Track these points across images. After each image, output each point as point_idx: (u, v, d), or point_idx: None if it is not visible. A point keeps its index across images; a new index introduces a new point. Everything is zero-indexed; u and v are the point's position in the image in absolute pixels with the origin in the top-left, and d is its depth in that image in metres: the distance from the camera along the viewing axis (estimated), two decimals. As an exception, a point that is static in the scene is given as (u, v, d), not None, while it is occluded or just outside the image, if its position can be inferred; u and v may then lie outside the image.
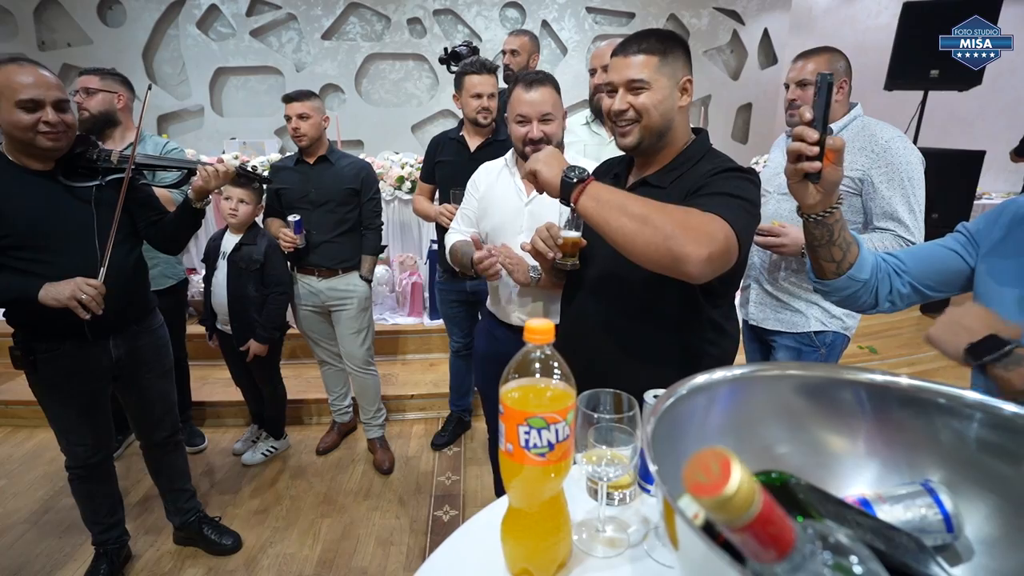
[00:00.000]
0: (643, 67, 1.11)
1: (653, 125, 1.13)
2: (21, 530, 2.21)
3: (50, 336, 1.61)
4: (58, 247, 1.55)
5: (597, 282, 1.24)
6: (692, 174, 1.13)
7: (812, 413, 0.60)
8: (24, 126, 1.45)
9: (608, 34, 6.04)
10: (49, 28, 5.63)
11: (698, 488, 0.33)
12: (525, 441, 0.56)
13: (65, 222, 1.57)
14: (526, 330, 0.58)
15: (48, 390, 1.68)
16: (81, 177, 1.61)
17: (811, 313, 1.79)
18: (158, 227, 1.78)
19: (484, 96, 2.24)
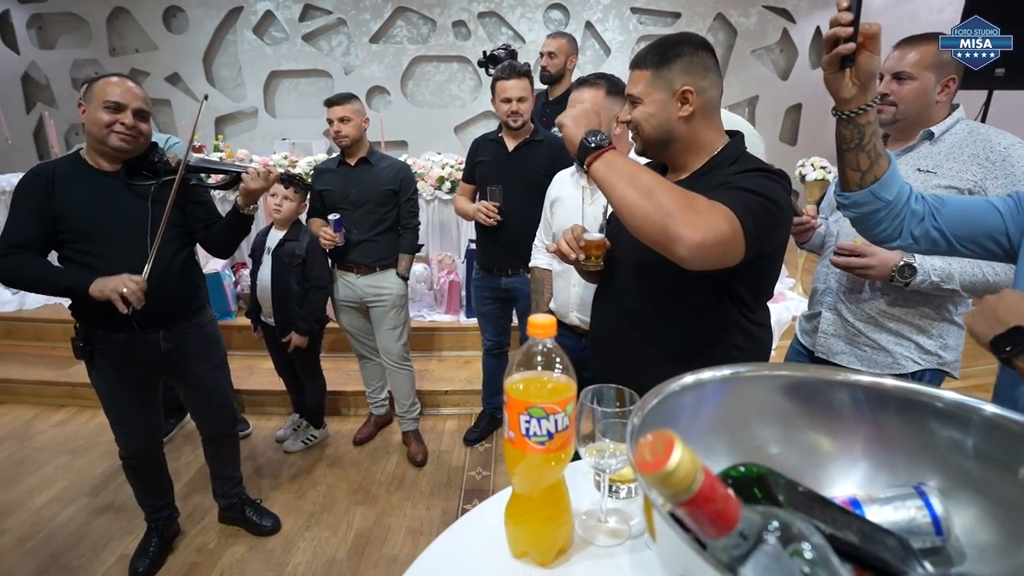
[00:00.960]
0: (636, 81, 1.13)
1: (648, 138, 1.15)
2: (83, 503, 2.38)
3: (106, 327, 1.71)
4: (111, 241, 1.67)
5: (624, 283, 1.25)
6: (719, 176, 1.11)
7: (804, 414, 0.61)
8: (102, 123, 1.61)
9: (653, 34, 5.99)
10: (119, 35, 6.01)
11: (643, 465, 0.36)
12: (526, 429, 0.59)
13: (121, 218, 1.69)
14: (529, 324, 0.61)
15: (103, 380, 1.79)
16: (142, 178, 1.74)
17: (900, 351, 1.49)
18: (209, 231, 1.88)
19: (513, 100, 2.28)
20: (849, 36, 0.88)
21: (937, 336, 1.46)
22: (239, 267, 3.72)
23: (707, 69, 1.11)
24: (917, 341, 1.47)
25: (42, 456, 2.70)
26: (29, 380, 3.18)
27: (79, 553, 2.11)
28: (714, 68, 1.13)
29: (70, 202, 1.64)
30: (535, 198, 2.08)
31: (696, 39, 1.13)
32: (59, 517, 2.29)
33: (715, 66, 1.13)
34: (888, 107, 1.45)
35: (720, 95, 1.16)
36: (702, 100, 1.10)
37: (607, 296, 1.30)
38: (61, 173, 1.66)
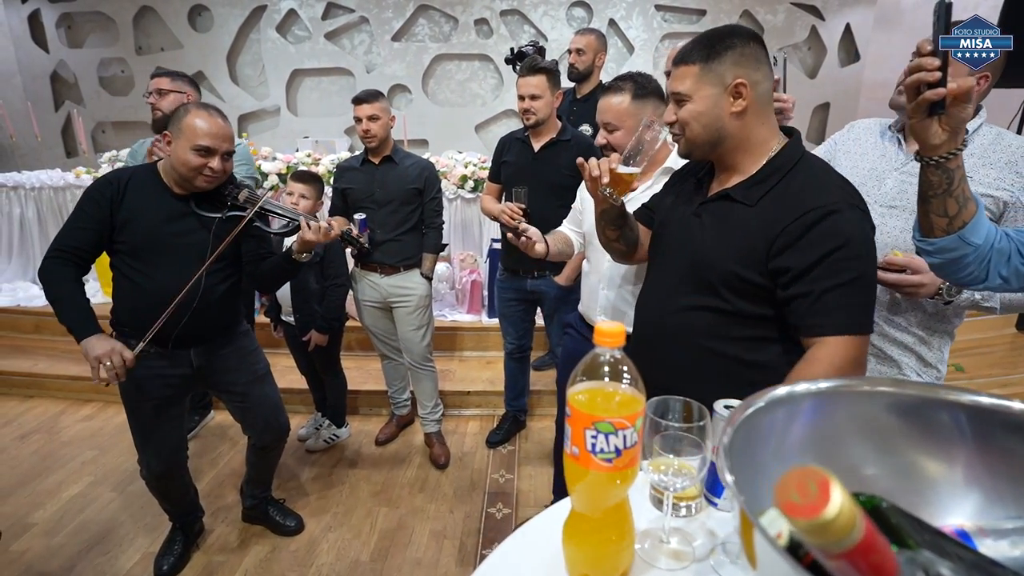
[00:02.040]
0: (683, 78, 1.07)
1: (696, 138, 1.09)
2: (109, 498, 2.39)
3: (139, 339, 1.67)
4: (162, 264, 1.67)
5: (673, 290, 1.18)
6: (784, 193, 1.03)
7: (904, 434, 0.55)
8: (192, 167, 1.62)
9: (677, 32, 5.90)
10: (145, 34, 6.08)
11: (793, 508, 0.31)
12: (592, 445, 0.55)
13: (178, 243, 1.69)
14: (596, 332, 0.57)
15: (132, 388, 1.76)
16: (209, 208, 1.74)
17: (905, 361, 1.45)
18: (259, 268, 1.86)
19: (526, 97, 2.23)
20: (937, 81, 0.82)
21: (936, 349, 1.43)
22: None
23: (759, 61, 1.05)
24: (920, 353, 1.42)
25: (69, 451, 2.72)
26: (57, 375, 3.21)
27: (104, 549, 2.11)
28: (766, 60, 1.06)
29: (136, 215, 1.65)
30: (561, 200, 2.04)
31: (745, 30, 1.07)
32: (85, 512, 2.30)
33: (767, 58, 1.07)
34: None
35: (772, 89, 1.09)
36: (755, 94, 1.04)
37: (652, 301, 1.24)
38: (135, 185, 1.67)
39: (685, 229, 1.17)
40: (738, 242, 1.05)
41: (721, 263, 1.07)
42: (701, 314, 1.11)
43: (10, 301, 3.74)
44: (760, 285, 1.04)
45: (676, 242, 1.18)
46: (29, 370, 3.25)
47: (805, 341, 1.02)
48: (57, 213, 3.91)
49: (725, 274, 1.06)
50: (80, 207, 1.64)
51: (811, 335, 1.00)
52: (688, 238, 1.15)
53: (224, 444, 2.77)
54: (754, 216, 1.04)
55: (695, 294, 1.12)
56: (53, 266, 1.61)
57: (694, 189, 1.21)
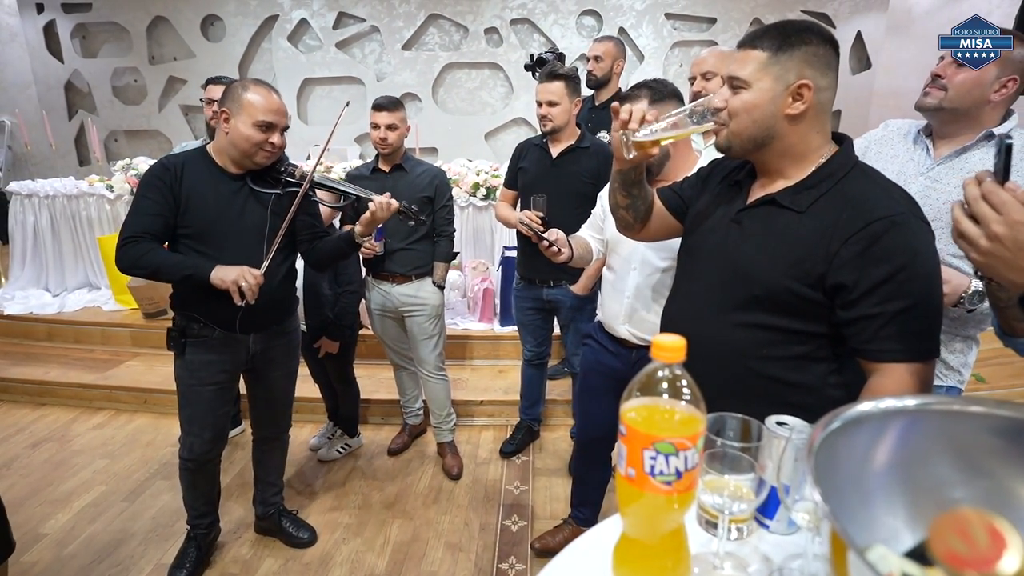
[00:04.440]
0: (745, 63, 0.98)
1: (742, 131, 1.01)
2: (120, 508, 2.36)
3: (205, 322, 1.74)
4: (227, 244, 1.69)
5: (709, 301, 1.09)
6: (840, 199, 0.96)
7: (999, 456, 0.52)
8: (255, 142, 1.63)
9: (687, 40, 5.90)
10: (158, 44, 6.13)
11: (956, 559, 0.28)
12: (651, 467, 0.52)
13: (240, 222, 1.72)
14: (654, 346, 0.54)
15: (189, 374, 1.80)
16: (265, 184, 1.76)
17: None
18: (313, 245, 1.90)
19: (543, 104, 2.21)
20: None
21: (959, 352, 1.41)
22: (273, 272, 3.71)
23: (829, 67, 0.98)
24: (942, 357, 1.39)
25: (81, 459, 2.70)
26: (68, 383, 3.20)
27: (116, 561, 2.08)
28: (835, 68, 0.99)
29: (196, 198, 1.66)
30: (580, 208, 2.01)
31: (824, 31, 0.99)
32: (97, 522, 2.28)
33: (837, 66, 1.00)
34: (937, 91, 1.32)
35: (833, 100, 1.03)
36: (817, 100, 0.97)
37: (683, 313, 1.17)
38: (190, 169, 1.68)
39: (723, 237, 1.09)
40: (788, 253, 0.98)
41: (768, 276, 1.00)
42: (742, 331, 1.03)
43: (23, 308, 3.75)
44: (813, 300, 0.97)
45: (712, 251, 1.11)
46: (41, 378, 3.24)
47: (868, 365, 0.95)
48: (71, 221, 3.92)
49: (773, 288, 0.99)
50: (141, 196, 1.65)
51: (878, 360, 0.93)
52: (727, 247, 1.08)
53: (237, 453, 2.74)
54: (806, 224, 0.97)
55: (736, 309, 1.04)
56: (133, 249, 1.60)
57: (732, 193, 1.13)
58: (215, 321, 1.74)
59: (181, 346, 1.77)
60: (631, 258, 1.62)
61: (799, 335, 0.99)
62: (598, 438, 1.94)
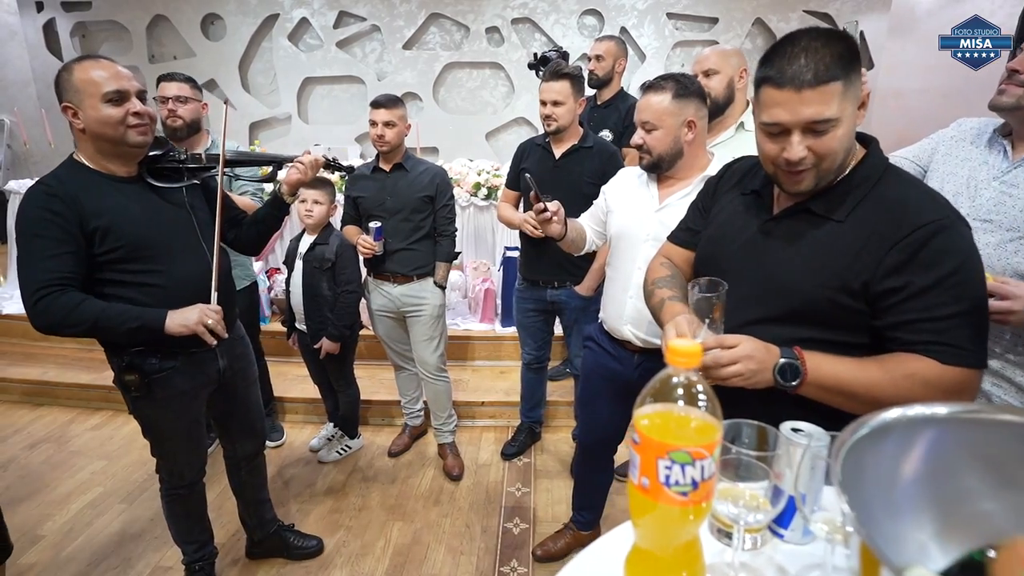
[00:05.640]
0: (828, 100, 0.86)
1: (833, 168, 0.92)
2: (118, 510, 2.34)
3: (162, 353, 1.50)
4: (169, 254, 1.49)
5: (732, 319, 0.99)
6: (882, 205, 0.92)
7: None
8: (115, 120, 1.37)
9: (689, 40, 5.88)
10: (158, 43, 6.11)
11: None
12: (665, 477, 0.50)
13: (168, 227, 1.51)
14: (669, 351, 0.52)
15: (158, 413, 1.59)
16: (167, 179, 1.54)
17: (994, 392, 1.30)
18: (241, 227, 1.74)
19: (548, 103, 2.18)
20: None
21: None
22: (273, 272, 3.69)
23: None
24: (1009, 377, 1.28)
25: (79, 460, 2.68)
26: (67, 383, 3.18)
27: (113, 564, 2.06)
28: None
29: (109, 217, 1.40)
30: (584, 208, 1.99)
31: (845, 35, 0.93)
32: (94, 524, 2.26)
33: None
34: (1016, 87, 1.24)
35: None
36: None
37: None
38: (79, 185, 1.40)
39: (752, 249, 1.04)
40: (830, 263, 0.93)
41: (809, 288, 0.95)
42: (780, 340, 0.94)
43: (20, 308, 3.71)
44: (855, 310, 0.92)
45: (740, 263, 1.05)
46: (39, 378, 3.22)
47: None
48: (69, 220, 3.89)
49: (814, 300, 0.94)
50: (34, 234, 1.34)
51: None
52: (758, 259, 1.02)
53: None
54: (846, 232, 0.92)
55: (772, 323, 0.98)
56: (55, 303, 1.32)
57: (753, 202, 1.08)
58: (171, 348, 1.49)
59: (146, 387, 1.50)
60: (636, 256, 1.60)
61: (839, 347, 0.94)
62: (600, 442, 1.92)
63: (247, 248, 1.81)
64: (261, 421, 1.94)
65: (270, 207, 1.73)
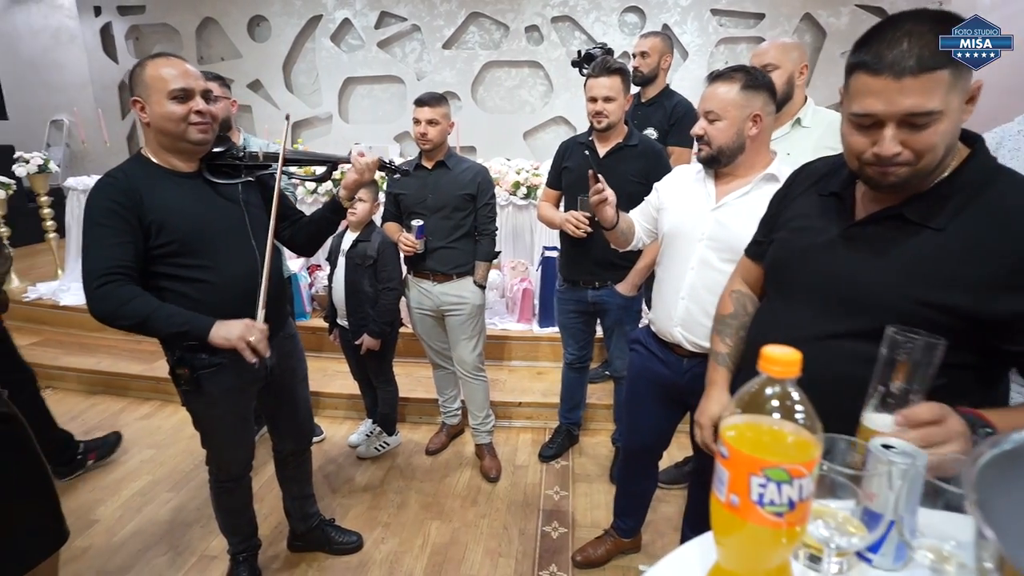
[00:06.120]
0: (931, 90, 0.78)
1: (931, 167, 0.83)
2: (166, 498, 2.41)
3: (212, 349, 1.46)
4: (219, 250, 1.50)
5: (806, 331, 0.92)
6: (990, 213, 0.83)
7: None
8: (178, 117, 1.42)
9: (733, 36, 5.74)
10: (207, 44, 6.29)
11: None
12: (759, 496, 0.47)
13: (222, 223, 1.53)
14: (763, 358, 0.49)
15: (208, 408, 1.62)
16: (224, 176, 1.57)
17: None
18: (296, 227, 1.76)
19: (599, 99, 2.13)
20: None
21: None
22: (314, 269, 3.75)
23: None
24: None
25: (129, 448, 2.76)
26: (119, 373, 3.30)
27: (162, 550, 2.11)
28: None
29: (167, 210, 1.43)
30: (628, 209, 1.94)
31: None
32: (144, 511, 2.32)
33: None
34: None
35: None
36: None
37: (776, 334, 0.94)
38: (141, 179, 1.44)
39: (831, 257, 0.95)
40: (928, 277, 0.85)
41: (902, 304, 0.86)
42: (865, 366, 0.85)
43: (77, 300, 3.88)
44: (961, 331, 0.82)
45: (816, 272, 0.98)
46: (93, 367, 3.34)
47: None
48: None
49: (909, 317, 0.83)
50: (97, 223, 1.39)
51: None
52: (838, 269, 0.94)
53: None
54: (949, 242, 0.84)
55: (855, 339, 0.90)
56: (114, 292, 1.35)
57: (832, 205, 1.00)
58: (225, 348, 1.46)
59: (195, 382, 1.53)
60: (689, 256, 1.54)
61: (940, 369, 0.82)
62: (644, 448, 1.87)
63: (301, 248, 1.82)
64: (309, 419, 1.96)
65: (327, 210, 1.73)
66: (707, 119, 1.44)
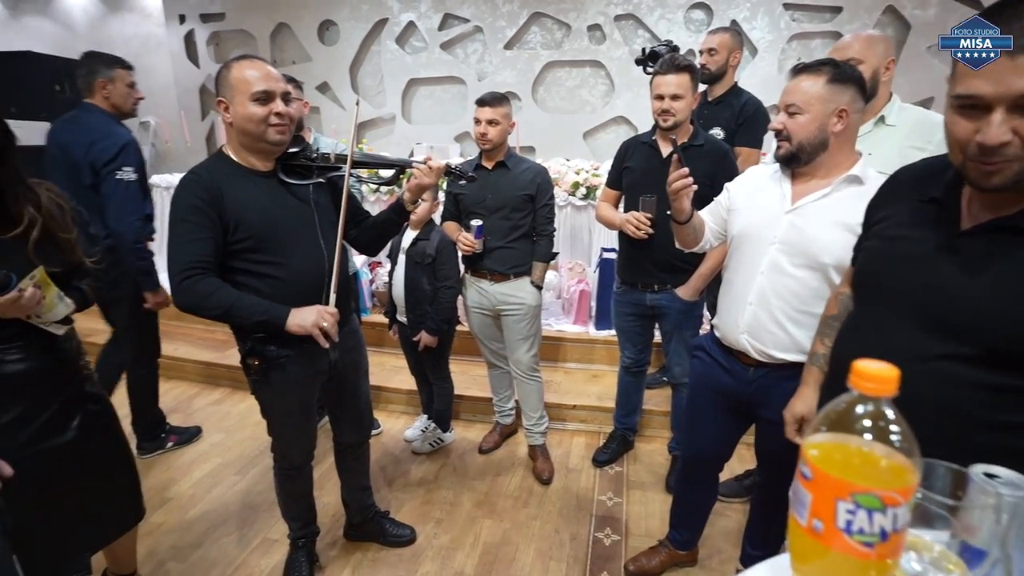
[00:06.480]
0: None
1: None
2: (233, 481, 2.53)
3: (281, 341, 1.55)
4: (289, 247, 1.56)
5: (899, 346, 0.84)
6: None
7: None
8: (258, 119, 1.47)
9: (807, 32, 5.47)
10: (280, 48, 6.57)
11: None
12: (847, 523, 0.43)
13: (293, 222, 1.58)
14: (855, 374, 0.45)
15: (275, 398, 1.69)
16: (297, 176, 1.62)
17: None
18: (362, 228, 1.81)
19: (666, 97, 2.06)
20: None
21: None
22: (375, 265, 3.85)
23: None
24: None
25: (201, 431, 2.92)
26: (194, 359, 3.49)
27: (228, 531, 2.22)
28: None
29: (244, 207, 1.50)
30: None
31: None
32: (212, 492, 2.45)
33: None
34: None
35: None
36: None
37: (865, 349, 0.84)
38: (222, 177, 1.51)
39: (931, 269, 0.87)
40: None
41: (1016, 327, 0.78)
42: (968, 390, 0.79)
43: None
44: None
45: (913, 285, 0.90)
46: (171, 353, 3.54)
47: None
48: (200, 212, 4.28)
49: (1015, 340, 0.77)
50: (182, 218, 1.46)
51: None
52: (941, 284, 0.86)
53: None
54: None
55: (957, 360, 0.83)
56: (197, 285, 1.43)
57: (934, 212, 0.91)
58: (287, 338, 1.51)
59: (264, 372, 1.60)
60: (760, 260, 1.47)
61: None
62: (704, 459, 1.80)
63: (366, 248, 1.87)
64: (369, 413, 2.01)
65: (392, 211, 1.77)
66: (787, 112, 1.36)
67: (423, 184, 1.67)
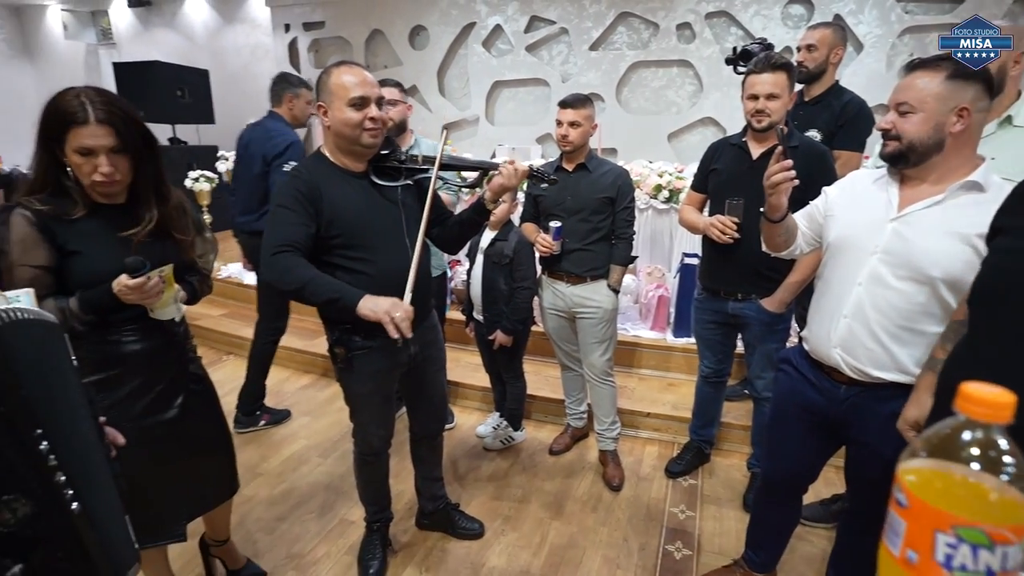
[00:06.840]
0: None
1: None
2: (316, 462, 2.69)
3: (365, 333, 1.64)
4: (377, 246, 1.64)
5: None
6: None
7: None
8: (354, 123, 1.55)
9: (921, 25, 5.03)
10: (373, 53, 6.90)
11: None
12: (946, 557, 0.40)
13: (382, 222, 1.66)
14: (962, 396, 0.41)
15: (359, 386, 1.77)
16: (387, 178, 1.69)
17: None
18: (443, 227, 1.86)
19: (760, 97, 1.97)
20: None
21: None
22: (454, 264, 3.94)
23: None
24: None
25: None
26: (285, 346, 3.71)
27: (311, 508, 2.36)
28: None
29: (338, 205, 1.59)
30: None
31: None
32: (298, 471, 2.61)
33: None
34: None
35: None
36: None
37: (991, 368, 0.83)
38: (320, 176, 1.60)
39: None
40: None
41: None
42: None
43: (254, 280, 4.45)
44: None
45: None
46: (266, 340, 3.82)
47: None
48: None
49: None
50: (285, 206, 1.55)
51: None
52: None
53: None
54: None
55: None
56: (283, 260, 1.50)
57: None
58: (375, 329, 1.51)
59: (348, 361, 1.69)
60: (858, 271, 1.37)
61: None
62: (787, 479, 1.70)
63: (447, 246, 1.94)
64: (444, 405, 2.08)
65: (473, 211, 1.81)
66: (898, 111, 1.26)
67: (506, 186, 1.70)
